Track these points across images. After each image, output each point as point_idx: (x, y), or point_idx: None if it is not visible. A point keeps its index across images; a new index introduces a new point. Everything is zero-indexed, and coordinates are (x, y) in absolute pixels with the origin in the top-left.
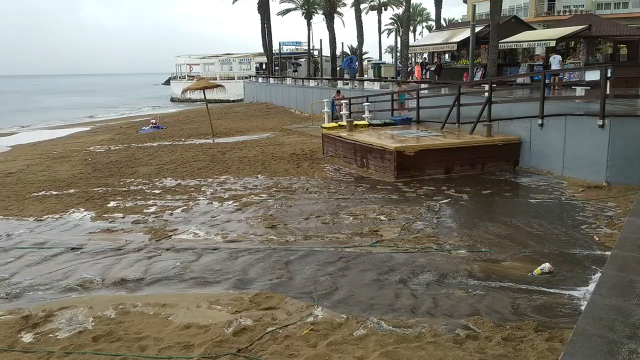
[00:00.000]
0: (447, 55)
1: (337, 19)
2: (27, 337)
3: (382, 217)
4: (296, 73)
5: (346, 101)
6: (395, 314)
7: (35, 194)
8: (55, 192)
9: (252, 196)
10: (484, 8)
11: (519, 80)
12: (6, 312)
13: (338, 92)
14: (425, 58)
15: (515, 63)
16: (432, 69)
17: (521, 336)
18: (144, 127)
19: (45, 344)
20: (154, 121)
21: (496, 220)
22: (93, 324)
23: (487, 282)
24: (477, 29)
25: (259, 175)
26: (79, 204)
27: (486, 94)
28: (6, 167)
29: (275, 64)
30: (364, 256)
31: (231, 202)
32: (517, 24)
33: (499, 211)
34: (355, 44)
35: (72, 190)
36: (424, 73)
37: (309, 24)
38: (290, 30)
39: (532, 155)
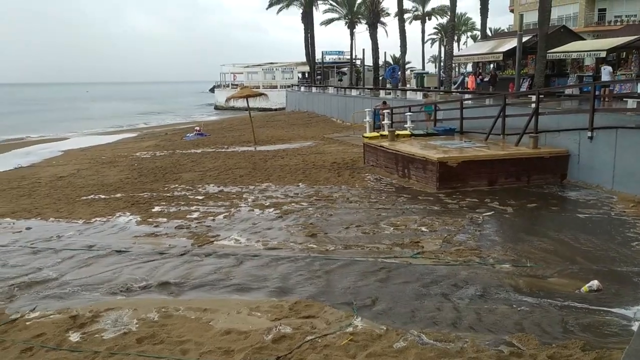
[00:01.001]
0: (492, 66)
1: (380, 29)
2: (74, 337)
3: (423, 228)
4: (341, 82)
5: (388, 111)
6: (437, 327)
7: (85, 198)
8: (103, 196)
9: (293, 204)
10: (531, 17)
11: (568, 91)
12: (55, 312)
13: (384, 102)
14: (468, 68)
15: (563, 74)
16: (486, 79)
17: (567, 355)
18: (188, 134)
19: (91, 343)
20: (198, 128)
21: (542, 234)
22: (137, 325)
23: (532, 298)
24: (524, 39)
25: (299, 184)
26: (125, 208)
27: (533, 105)
28: (58, 171)
29: (318, 73)
30: (404, 267)
31: (272, 209)
32: (566, 34)
33: (545, 225)
34: (397, 54)
35: (119, 195)
36: (477, 83)
37: (351, 34)
38: (332, 39)
39: (580, 168)
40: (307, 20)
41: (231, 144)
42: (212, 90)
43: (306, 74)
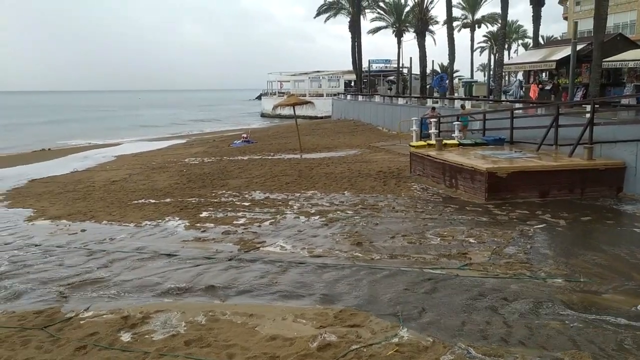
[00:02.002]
0: (544, 74)
1: (428, 37)
2: (125, 337)
3: (471, 240)
4: (390, 91)
5: (435, 120)
6: (486, 341)
7: (136, 202)
8: (153, 201)
9: (338, 212)
10: (586, 25)
11: (624, 101)
12: (108, 312)
13: (433, 109)
14: (518, 76)
15: (619, 83)
16: (548, 87)
17: None
18: (235, 141)
19: (141, 344)
20: (245, 135)
21: (596, 249)
22: (185, 328)
23: (586, 314)
24: (579, 47)
25: (345, 192)
26: (174, 213)
27: (587, 115)
28: (111, 175)
29: (364, 81)
30: (451, 279)
31: (317, 217)
32: (623, 42)
33: (600, 239)
34: (445, 62)
35: (168, 200)
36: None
37: (399, 42)
38: (379, 47)
39: (637, 181)
40: (355, 28)
41: (277, 152)
42: (259, 98)
43: (352, 82)
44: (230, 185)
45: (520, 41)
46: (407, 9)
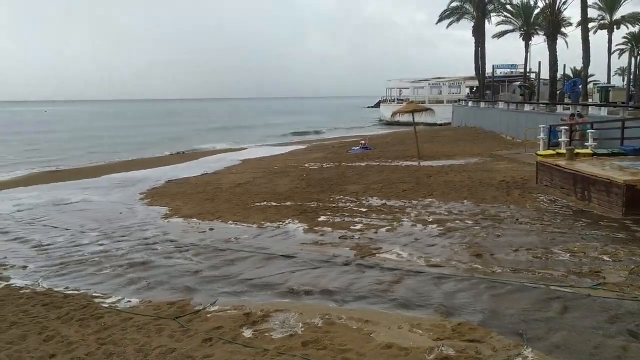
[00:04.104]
0: None
1: (559, 39)
2: (247, 333)
3: (605, 258)
4: (524, 97)
5: (567, 128)
6: None
7: (259, 204)
8: (274, 204)
9: (457, 222)
10: None
11: None
12: (232, 307)
13: (572, 115)
14: None
15: None
16: None
17: None
18: (353, 148)
19: (262, 341)
20: (363, 142)
21: None
22: (303, 329)
23: None
24: None
25: (465, 201)
26: (294, 216)
27: None
28: (237, 178)
29: (487, 87)
30: (582, 299)
31: (435, 226)
32: None
33: None
34: (578, 66)
35: (288, 203)
36: None
37: (527, 46)
38: (503, 52)
39: None
40: (479, 33)
41: (395, 159)
42: (377, 105)
43: (474, 89)
44: (348, 191)
45: None
46: (537, 11)
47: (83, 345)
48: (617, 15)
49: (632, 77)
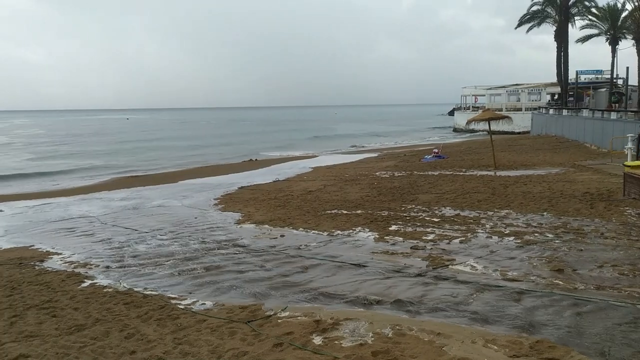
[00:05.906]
0: None
1: None
2: (317, 340)
3: None
4: (618, 105)
5: None
6: None
7: (329, 211)
8: (345, 211)
9: (536, 234)
10: None
11: None
12: (302, 314)
13: None
14: None
15: None
16: None
17: None
18: (426, 156)
19: (331, 348)
20: (436, 150)
21: None
22: (372, 339)
23: None
24: None
25: (544, 213)
26: (365, 224)
27: None
28: (307, 185)
29: (570, 94)
30: None
31: (512, 238)
32: None
33: None
34: None
35: (359, 211)
36: None
37: (613, 50)
38: (586, 57)
39: None
40: (561, 37)
41: (469, 168)
42: (451, 113)
43: (556, 95)
44: (420, 200)
45: None
46: (625, 13)
47: (161, 343)
48: None
49: None
